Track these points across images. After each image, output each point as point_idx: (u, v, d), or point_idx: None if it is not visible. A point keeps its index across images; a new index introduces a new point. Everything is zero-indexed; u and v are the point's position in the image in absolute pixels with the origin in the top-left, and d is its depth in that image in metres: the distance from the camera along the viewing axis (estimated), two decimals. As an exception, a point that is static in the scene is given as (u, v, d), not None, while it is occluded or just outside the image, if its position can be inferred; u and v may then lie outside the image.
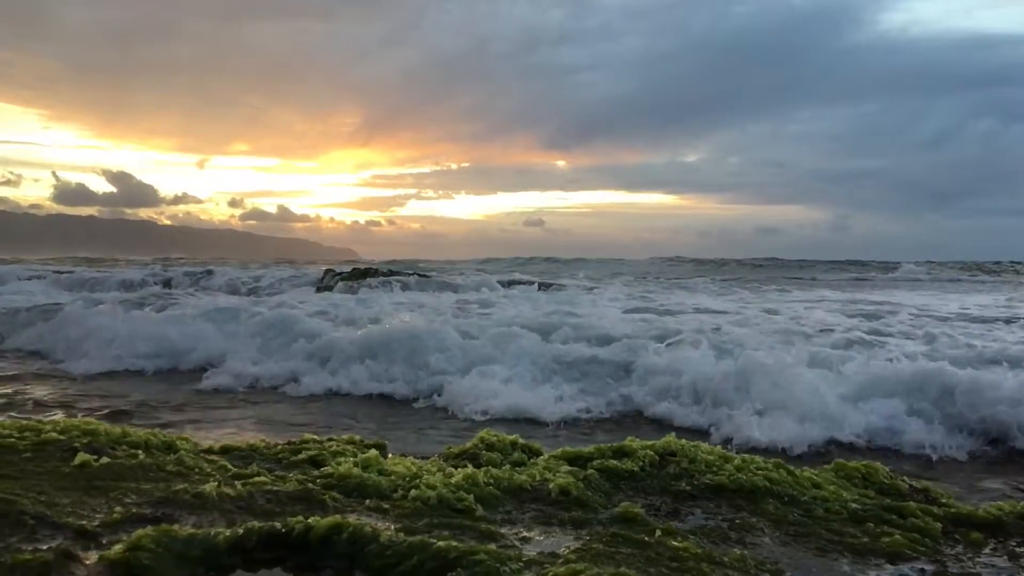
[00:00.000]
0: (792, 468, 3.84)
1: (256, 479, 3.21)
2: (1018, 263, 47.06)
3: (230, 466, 3.57)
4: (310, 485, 3.27)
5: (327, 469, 3.49)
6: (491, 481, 3.33)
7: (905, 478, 4.07)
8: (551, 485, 3.32)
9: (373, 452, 3.65)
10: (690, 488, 3.58)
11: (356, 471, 3.36)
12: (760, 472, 3.65)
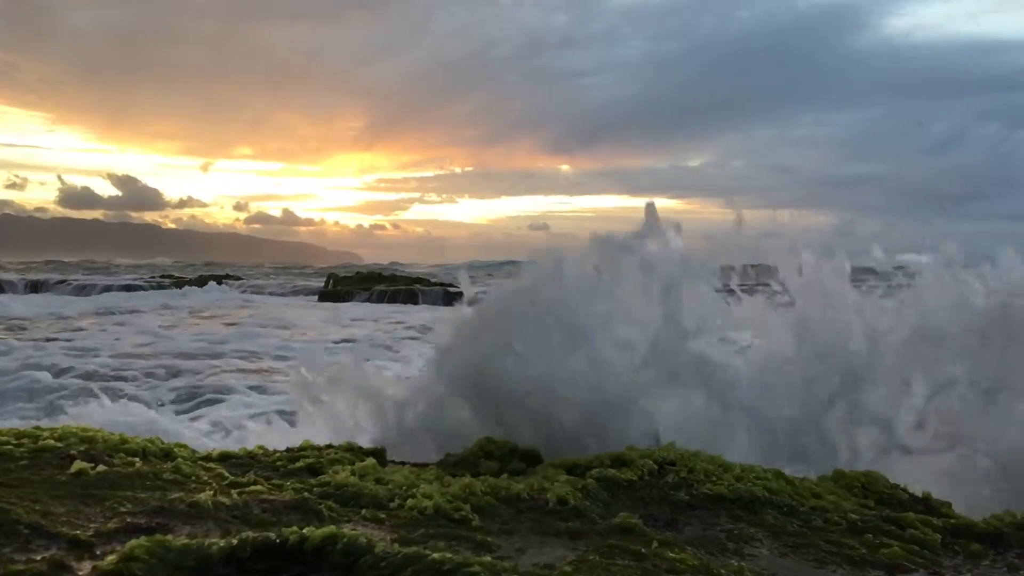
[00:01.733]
0: (792, 477, 3.83)
1: (252, 488, 3.20)
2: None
3: (227, 474, 3.56)
4: (306, 494, 3.27)
5: (324, 477, 3.48)
6: (488, 491, 3.32)
7: (906, 487, 4.05)
8: (548, 495, 3.31)
9: (370, 460, 3.64)
10: (688, 498, 3.56)
11: (353, 479, 3.35)
12: (759, 482, 3.63)
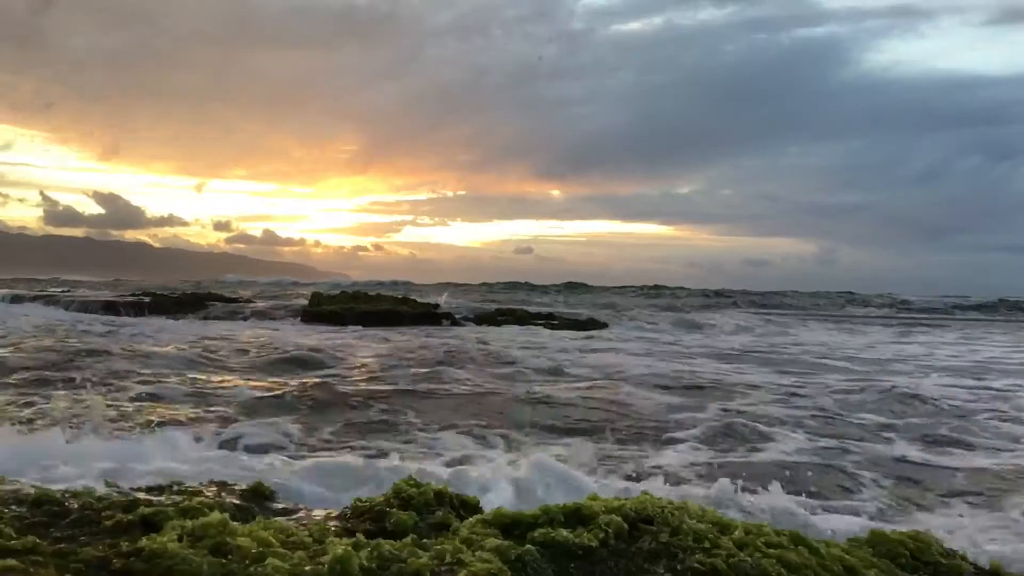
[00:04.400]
0: (814, 542, 2.76)
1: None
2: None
3: (10, 531, 2.48)
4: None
5: (144, 542, 2.40)
6: (374, 566, 2.24)
7: (964, 554, 3.01)
8: (461, 574, 2.23)
9: (216, 516, 2.54)
10: (672, 574, 2.49)
11: (175, 546, 2.28)
12: (772, 551, 2.56)
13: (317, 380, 9.70)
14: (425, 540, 2.55)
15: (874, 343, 20.10)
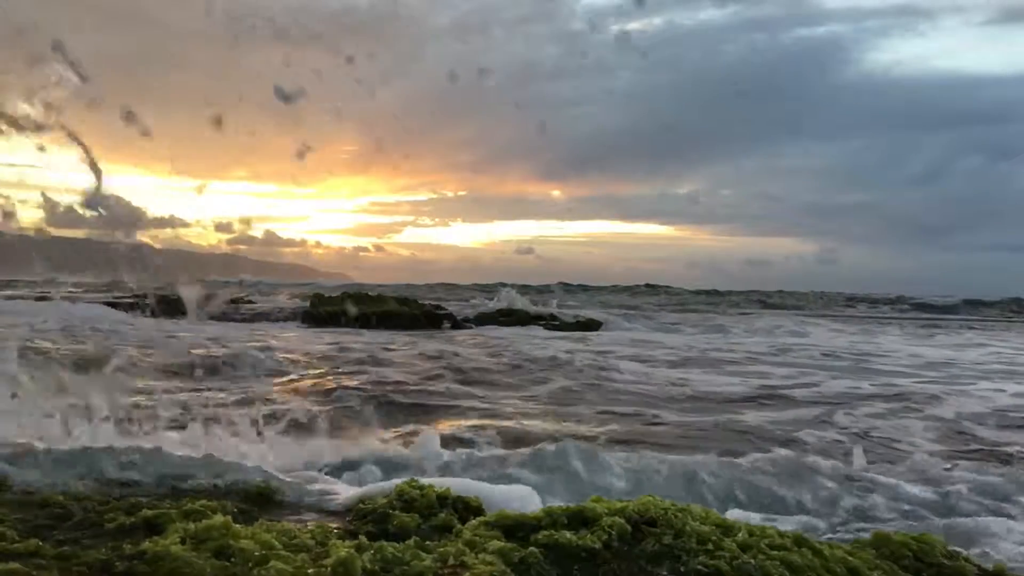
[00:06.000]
0: (818, 544, 2.76)
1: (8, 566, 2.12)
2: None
3: (12, 534, 2.48)
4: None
5: (146, 545, 2.40)
6: (378, 568, 2.24)
7: (968, 556, 3.00)
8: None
9: (218, 518, 2.54)
10: (675, 576, 2.49)
11: (177, 549, 2.28)
12: (776, 553, 2.56)
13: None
14: (428, 542, 2.55)
15: (902, 344, 19.94)
